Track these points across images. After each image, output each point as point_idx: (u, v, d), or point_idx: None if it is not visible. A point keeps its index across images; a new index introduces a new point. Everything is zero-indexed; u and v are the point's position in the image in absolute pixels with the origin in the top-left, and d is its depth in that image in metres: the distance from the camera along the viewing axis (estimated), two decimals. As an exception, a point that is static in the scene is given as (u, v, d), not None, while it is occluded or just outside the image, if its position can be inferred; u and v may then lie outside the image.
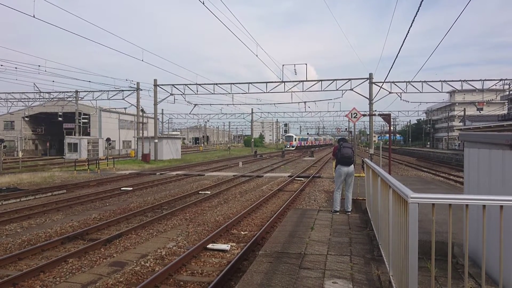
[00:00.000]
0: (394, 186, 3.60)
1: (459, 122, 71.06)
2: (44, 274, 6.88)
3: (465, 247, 2.95)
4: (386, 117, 12.94)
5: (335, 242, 6.03)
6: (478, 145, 5.19)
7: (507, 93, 47.70)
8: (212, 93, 35.67)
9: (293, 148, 72.35)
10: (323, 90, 33.75)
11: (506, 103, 60.63)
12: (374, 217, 6.30)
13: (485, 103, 50.18)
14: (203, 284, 6.45)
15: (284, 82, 33.67)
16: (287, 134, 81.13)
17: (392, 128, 78.12)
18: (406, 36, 11.73)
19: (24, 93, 41.74)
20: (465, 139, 5.68)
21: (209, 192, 16.95)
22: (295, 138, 77.00)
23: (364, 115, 21.35)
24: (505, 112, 56.76)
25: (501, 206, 2.72)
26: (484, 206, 2.78)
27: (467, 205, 2.83)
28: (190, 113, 63.50)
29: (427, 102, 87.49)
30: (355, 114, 16.79)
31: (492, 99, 48.91)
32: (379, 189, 5.35)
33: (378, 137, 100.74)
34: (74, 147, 42.14)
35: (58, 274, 6.90)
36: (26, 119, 53.90)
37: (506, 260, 3.40)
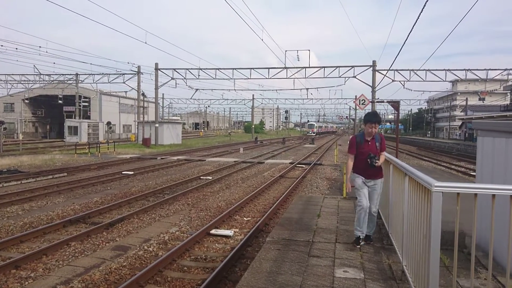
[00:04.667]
0: (412, 175, 3.48)
1: (461, 111, 70.77)
2: (46, 257, 6.81)
3: (490, 238, 2.84)
4: (395, 104, 12.79)
5: (343, 230, 5.94)
6: (493, 133, 5.06)
7: (511, 83, 47.39)
8: (214, 78, 35.41)
9: (314, 134, 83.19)
10: (325, 77, 33.45)
11: (508, 93, 60.33)
12: (382, 205, 6.20)
13: (487, 93, 49.86)
14: (207, 270, 6.38)
15: (287, 68, 33.35)
16: (309, 122, 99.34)
17: (394, 116, 77.46)
18: (414, 24, 11.51)
19: (24, 75, 41.41)
20: (479, 127, 5.54)
21: (210, 178, 16.86)
22: (315, 126, 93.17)
23: (372, 102, 21.17)
24: (507, 102, 56.50)
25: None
26: (511, 196, 2.66)
27: (493, 195, 2.71)
28: (191, 98, 63.01)
29: (430, 91, 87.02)
30: (363, 101, 16.56)
31: (496, 89, 48.59)
32: (391, 176, 5.23)
33: (379, 125, 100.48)
34: (74, 130, 41.98)
35: (60, 257, 6.82)
36: (26, 101, 53.61)
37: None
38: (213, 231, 8.56)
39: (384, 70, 31.81)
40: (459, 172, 22.68)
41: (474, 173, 20.93)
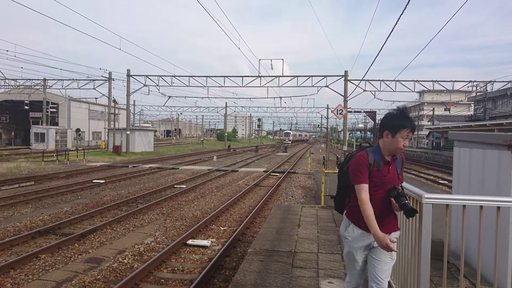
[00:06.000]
0: (399, 185, 3.49)
1: (428, 121, 73.03)
2: (14, 271, 6.47)
3: (478, 249, 2.87)
4: (371, 114, 13.02)
5: (324, 240, 5.94)
6: (470, 144, 5.19)
7: (474, 94, 49.29)
8: (187, 86, 35.13)
9: (289, 142, 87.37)
10: (298, 86, 33.76)
11: (472, 104, 62.79)
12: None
13: (453, 104, 51.71)
14: (185, 282, 6.23)
15: (261, 76, 33.50)
16: (286, 131, 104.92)
17: (364, 125, 78.89)
18: (389, 35, 11.79)
19: (-13, 79, 39.76)
20: (456, 138, 5.67)
21: (184, 186, 16.61)
22: (291, 134, 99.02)
23: (350, 112, 21.53)
24: (472, 113, 58.79)
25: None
26: (498, 207, 2.71)
27: (481, 207, 2.75)
28: (164, 105, 62.18)
29: (400, 101, 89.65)
30: (341, 111, 16.79)
31: (461, 100, 50.48)
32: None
33: (349, 134, 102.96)
34: (41, 137, 40.57)
35: (30, 271, 6.50)
36: (-11, 106, 51.46)
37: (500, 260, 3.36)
38: (189, 242, 8.39)
39: (356, 80, 32.42)
40: (428, 180, 23.29)
41: (443, 182, 21.55)
